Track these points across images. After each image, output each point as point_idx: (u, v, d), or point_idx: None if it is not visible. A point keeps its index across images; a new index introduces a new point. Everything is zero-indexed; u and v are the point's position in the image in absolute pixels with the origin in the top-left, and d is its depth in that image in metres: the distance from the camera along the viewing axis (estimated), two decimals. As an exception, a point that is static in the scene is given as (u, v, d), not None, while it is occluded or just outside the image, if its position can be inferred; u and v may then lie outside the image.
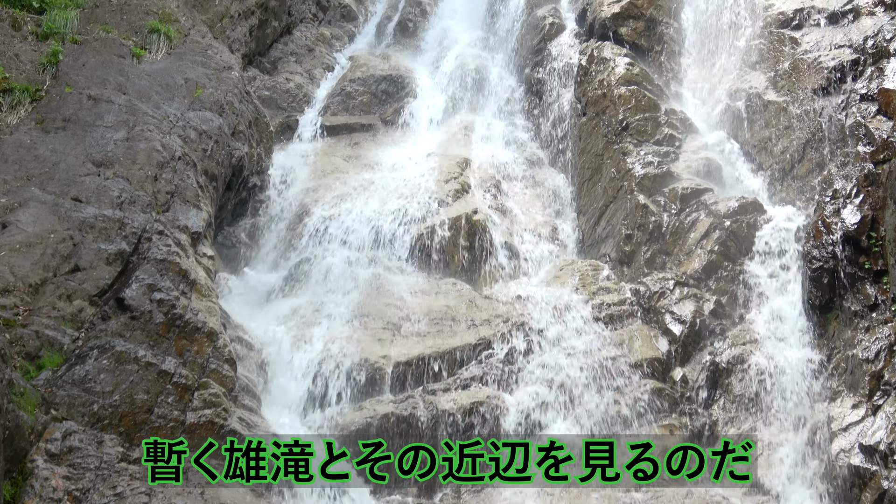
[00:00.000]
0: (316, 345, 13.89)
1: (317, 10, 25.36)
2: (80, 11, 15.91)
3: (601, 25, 19.83)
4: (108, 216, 11.87)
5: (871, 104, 14.68)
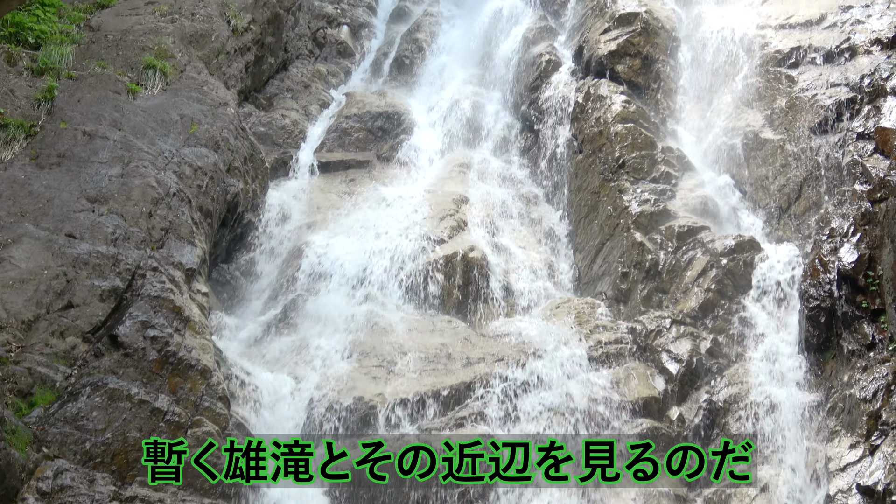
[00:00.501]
0: (310, 382, 13.81)
1: (313, 47, 25.40)
2: (75, 47, 15.94)
3: (598, 63, 19.85)
4: (102, 252, 11.82)
5: (868, 143, 14.69)
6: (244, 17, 20.07)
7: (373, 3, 28.57)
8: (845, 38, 16.82)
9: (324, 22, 26.22)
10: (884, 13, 16.78)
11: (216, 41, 18.59)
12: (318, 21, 26.11)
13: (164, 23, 17.71)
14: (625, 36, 19.92)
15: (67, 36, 16.17)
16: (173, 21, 17.88)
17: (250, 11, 20.52)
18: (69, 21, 16.89)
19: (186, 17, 18.26)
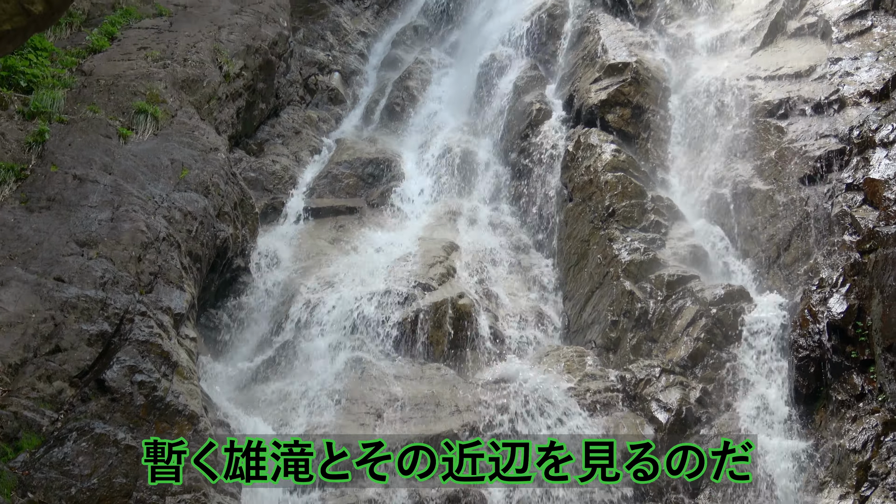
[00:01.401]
0: (298, 429, 13.72)
1: (304, 93, 25.48)
2: (67, 91, 15.95)
3: (588, 112, 19.95)
4: (91, 297, 11.78)
5: (857, 194, 14.76)
6: (236, 63, 20.13)
7: (364, 51, 28.70)
8: (834, 90, 16.92)
9: (315, 69, 26.31)
10: (872, 65, 16.90)
11: (208, 87, 18.64)
12: (310, 68, 26.21)
13: (156, 68, 17.74)
14: (615, 85, 20.05)
15: (59, 80, 16.18)
16: (165, 66, 17.92)
17: (242, 58, 20.59)
18: (61, 65, 16.91)
19: (178, 63, 18.30)
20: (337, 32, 28.45)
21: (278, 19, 23.58)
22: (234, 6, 22.37)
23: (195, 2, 22.07)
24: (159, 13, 20.73)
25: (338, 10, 29.55)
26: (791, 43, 19.55)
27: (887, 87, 16.19)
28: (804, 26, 19.58)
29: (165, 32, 19.62)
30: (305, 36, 27.57)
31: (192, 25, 20.37)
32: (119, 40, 18.82)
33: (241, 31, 21.22)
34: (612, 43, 21.59)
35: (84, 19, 19.59)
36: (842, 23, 18.57)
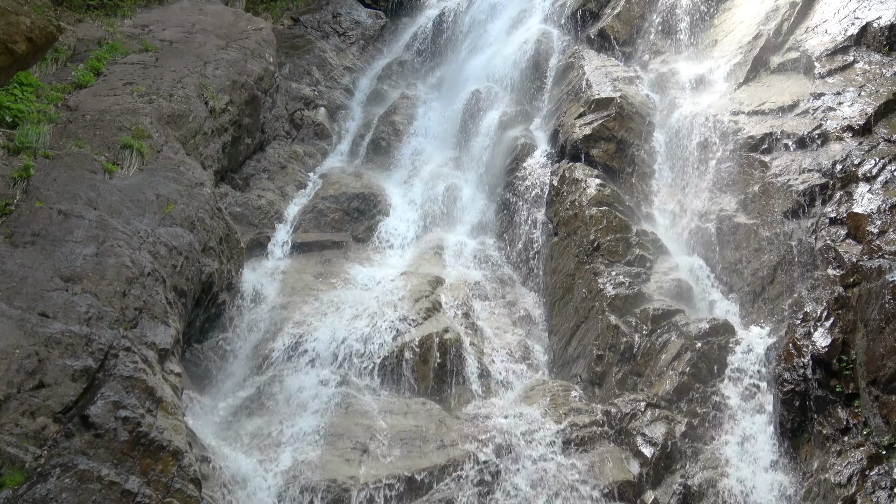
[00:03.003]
0: (283, 464, 13.68)
1: (290, 128, 25.53)
2: (52, 126, 15.94)
3: (573, 147, 20.03)
4: (75, 332, 11.72)
5: (841, 228, 14.85)
6: (222, 99, 20.18)
7: (350, 86, 28.81)
8: (817, 125, 17.03)
9: (301, 104, 26.39)
10: (855, 101, 17.02)
11: (193, 122, 18.66)
12: (296, 103, 26.28)
13: (141, 103, 17.75)
14: (600, 120, 20.15)
15: (45, 115, 16.17)
16: (151, 102, 17.94)
17: (228, 93, 20.64)
18: (47, 100, 16.91)
19: (164, 98, 18.33)
20: (323, 68, 28.58)
21: (264, 55, 23.66)
22: (220, 42, 22.45)
23: (181, 37, 22.14)
24: (145, 49, 20.77)
25: (323, 45, 29.72)
26: (774, 78, 19.69)
27: (870, 122, 16.30)
28: (787, 62, 19.74)
29: (151, 68, 19.65)
30: (291, 71, 27.68)
31: (178, 61, 20.42)
32: (105, 76, 18.84)
33: (227, 67, 21.28)
34: (597, 78, 21.72)
35: (70, 55, 19.62)
36: (824, 58, 18.72)
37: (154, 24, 22.99)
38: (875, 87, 17.09)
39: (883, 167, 15.21)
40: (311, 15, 32.17)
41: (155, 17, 23.82)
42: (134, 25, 22.76)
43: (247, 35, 23.91)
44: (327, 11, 32.36)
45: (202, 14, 24.61)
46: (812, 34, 19.84)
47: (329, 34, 31.13)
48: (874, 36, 18.24)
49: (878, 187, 14.90)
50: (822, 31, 19.63)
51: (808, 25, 20.30)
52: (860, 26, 18.62)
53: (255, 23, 25.37)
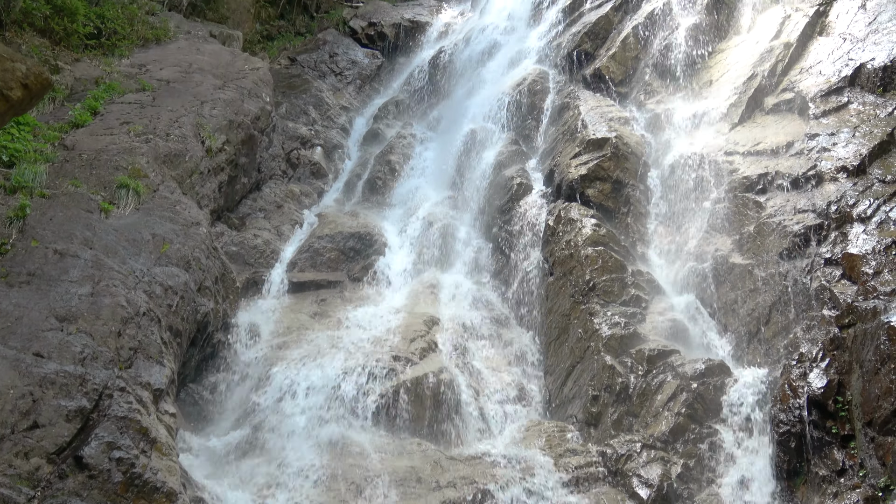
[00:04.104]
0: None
1: (286, 168, 25.58)
2: (49, 166, 15.98)
3: (568, 187, 20.07)
4: (70, 372, 11.70)
5: (836, 268, 14.86)
6: (218, 138, 20.23)
7: (346, 125, 28.90)
8: (812, 165, 17.09)
9: (298, 143, 26.45)
10: (849, 141, 17.08)
11: (190, 161, 18.70)
12: (292, 142, 26.35)
13: (138, 142, 17.80)
14: (595, 160, 20.20)
15: (41, 154, 16.21)
16: (148, 141, 17.98)
17: (225, 132, 20.69)
18: (44, 140, 16.95)
19: (161, 138, 18.38)
20: (319, 107, 28.67)
21: (261, 94, 23.74)
22: (218, 81, 22.54)
23: (179, 77, 22.23)
24: (143, 88, 20.85)
25: (320, 85, 29.83)
26: (769, 119, 19.78)
27: (864, 163, 16.36)
28: (781, 102, 19.84)
29: (148, 107, 19.72)
30: (288, 110, 27.77)
31: (176, 100, 20.49)
32: (102, 115, 18.90)
33: (224, 106, 21.35)
34: (592, 118, 21.80)
35: (67, 94, 19.68)
36: (819, 99, 18.82)
37: (151, 64, 23.09)
38: (869, 127, 17.17)
39: (877, 208, 15.24)
40: (308, 55, 32.32)
41: (153, 56, 23.92)
42: (131, 65, 22.86)
43: (244, 75, 24.01)
44: (324, 51, 32.51)
45: (199, 54, 24.72)
46: (806, 75, 19.95)
47: (326, 74, 31.26)
48: (868, 77, 18.34)
49: (873, 228, 14.93)
50: (817, 72, 19.74)
51: (803, 66, 20.42)
52: (854, 67, 18.73)
53: (252, 62, 25.49)
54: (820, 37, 21.07)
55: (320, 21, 36.87)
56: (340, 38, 34.03)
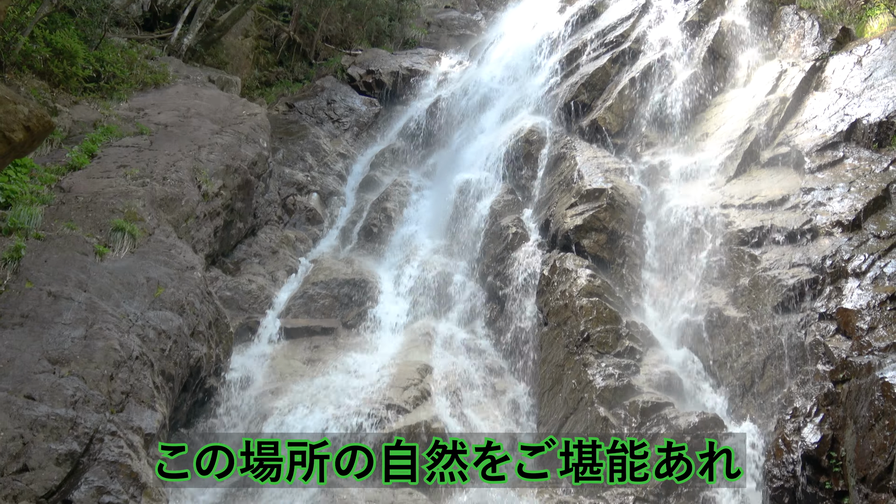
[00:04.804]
0: (269, 555, 13.56)
1: (282, 213, 25.62)
2: (45, 207, 15.98)
3: (564, 237, 20.11)
4: (61, 415, 11.63)
5: (830, 323, 14.85)
6: (215, 183, 20.26)
7: (343, 172, 29.00)
8: (807, 220, 17.14)
9: (294, 189, 26.52)
10: (844, 196, 17.14)
11: (186, 205, 18.72)
12: (289, 188, 26.42)
13: (135, 186, 17.82)
14: (591, 211, 20.24)
15: (38, 196, 16.22)
16: (144, 185, 18.01)
17: (221, 177, 20.73)
18: (40, 181, 16.97)
19: (158, 182, 18.41)
20: (316, 153, 28.78)
21: (258, 140, 23.82)
22: (215, 126, 22.61)
23: (176, 121, 22.30)
24: (140, 132, 20.90)
25: (318, 131, 29.96)
26: (764, 172, 19.86)
27: (859, 218, 16.41)
28: (777, 156, 19.92)
29: (146, 151, 19.76)
30: (285, 156, 27.88)
31: (173, 144, 20.54)
32: (99, 158, 18.94)
33: (221, 151, 21.40)
34: (588, 169, 21.86)
35: (65, 136, 19.72)
36: (814, 153, 18.90)
37: (150, 108, 23.18)
38: (864, 182, 17.23)
39: (872, 263, 15.27)
40: (306, 101, 32.49)
41: (151, 100, 24.01)
42: (130, 108, 22.94)
43: (241, 120, 24.10)
44: (322, 98, 32.69)
45: (198, 98, 24.82)
46: (802, 129, 20.06)
47: (323, 120, 31.41)
48: (863, 132, 18.44)
49: (868, 283, 14.94)
50: (812, 126, 19.84)
51: (798, 121, 20.54)
52: (850, 123, 18.84)
53: (250, 108, 25.59)
54: (816, 92, 21.21)
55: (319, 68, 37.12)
56: (338, 85, 34.24)
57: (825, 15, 23.66)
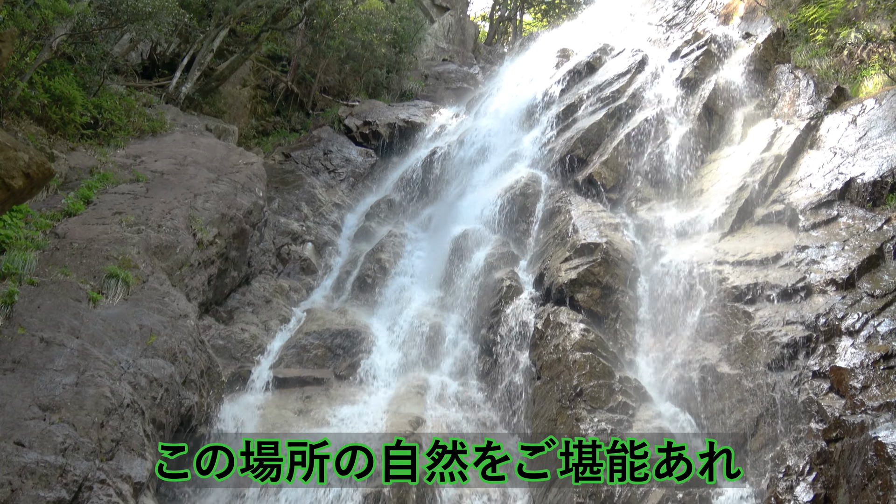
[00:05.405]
0: None
1: (276, 262, 25.63)
2: (39, 253, 15.99)
3: (558, 290, 20.12)
4: (50, 462, 11.58)
5: (824, 381, 14.84)
6: (210, 231, 20.28)
7: (338, 222, 29.06)
8: (801, 277, 17.16)
9: (289, 238, 26.56)
10: (838, 254, 17.18)
11: (181, 253, 18.73)
12: (284, 237, 26.46)
13: (129, 233, 17.85)
14: (585, 265, 20.28)
15: (32, 242, 16.23)
16: (139, 232, 18.03)
17: (216, 225, 20.75)
18: (35, 227, 16.99)
19: (153, 229, 18.43)
20: (312, 203, 28.85)
21: (254, 189, 23.87)
22: (212, 175, 22.67)
23: (173, 169, 22.36)
24: (136, 179, 20.96)
25: (314, 181, 30.06)
26: (759, 229, 19.92)
27: (853, 277, 16.43)
28: (772, 213, 19.99)
29: (141, 198, 19.80)
30: (280, 206, 27.94)
31: (169, 192, 20.59)
32: (95, 204, 18.97)
33: (217, 200, 21.44)
34: (583, 223, 21.93)
35: (61, 182, 19.77)
36: (808, 211, 18.96)
37: (146, 155, 23.25)
38: (858, 241, 17.27)
39: (866, 322, 15.27)
40: (302, 151, 32.63)
41: (148, 147, 24.09)
42: (126, 155, 23.01)
43: (238, 169, 24.17)
44: (319, 148, 32.83)
45: (195, 147, 24.91)
46: (797, 187, 20.14)
47: (319, 170, 31.54)
48: (858, 191, 18.51)
49: (862, 342, 14.94)
50: (807, 184, 19.92)
51: (793, 178, 20.62)
52: (844, 181, 18.91)
53: (246, 157, 25.67)
54: (810, 150, 21.32)
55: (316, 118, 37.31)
56: (335, 135, 34.43)
57: (820, 74, 23.83)
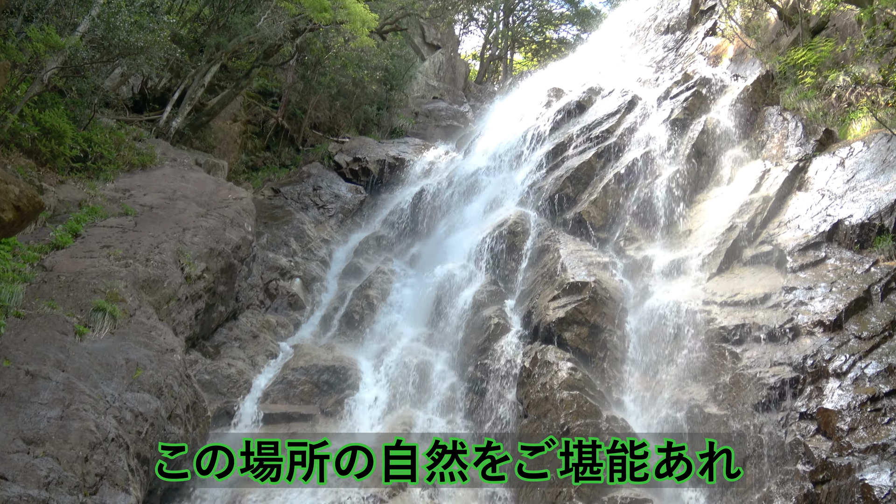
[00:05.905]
0: None
1: (264, 298, 25.59)
2: (27, 286, 15.93)
3: (546, 329, 20.11)
4: (34, 496, 11.48)
5: (811, 423, 14.84)
6: (198, 266, 20.24)
7: (327, 258, 29.04)
8: (789, 319, 17.20)
9: (277, 274, 26.53)
10: (826, 296, 17.22)
11: (168, 287, 18.68)
12: (272, 272, 26.43)
13: (117, 267, 17.80)
14: (573, 304, 20.29)
15: (19, 274, 16.18)
16: (127, 265, 17.99)
17: (205, 260, 20.72)
18: (23, 259, 16.94)
19: (140, 263, 18.39)
20: (300, 239, 28.85)
21: (243, 224, 23.85)
22: (201, 209, 22.65)
23: (162, 203, 22.34)
24: (125, 213, 20.93)
25: (303, 217, 30.08)
26: (747, 270, 19.96)
27: (840, 318, 16.46)
28: (760, 254, 20.05)
29: (130, 232, 19.76)
30: (269, 241, 27.93)
31: (157, 226, 20.56)
32: (83, 237, 18.93)
33: (206, 234, 21.41)
34: (572, 262, 21.95)
35: (50, 215, 19.74)
36: (796, 253, 19.02)
37: (136, 189, 23.23)
38: (846, 283, 17.32)
39: (853, 364, 15.29)
40: (291, 187, 32.66)
41: (137, 181, 24.08)
42: (115, 189, 22.99)
43: (227, 204, 24.16)
44: (308, 184, 32.88)
45: (184, 181, 24.91)
46: (785, 229, 20.20)
47: (309, 206, 31.57)
48: (846, 233, 18.57)
49: (849, 384, 14.95)
50: (795, 226, 19.99)
51: (781, 220, 20.69)
52: (832, 223, 18.98)
53: (235, 192, 25.66)
54: (799, 192, 21.41)
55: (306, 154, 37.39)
56: (325, 171, 34.49)
57: (808, 116, 23.95)
